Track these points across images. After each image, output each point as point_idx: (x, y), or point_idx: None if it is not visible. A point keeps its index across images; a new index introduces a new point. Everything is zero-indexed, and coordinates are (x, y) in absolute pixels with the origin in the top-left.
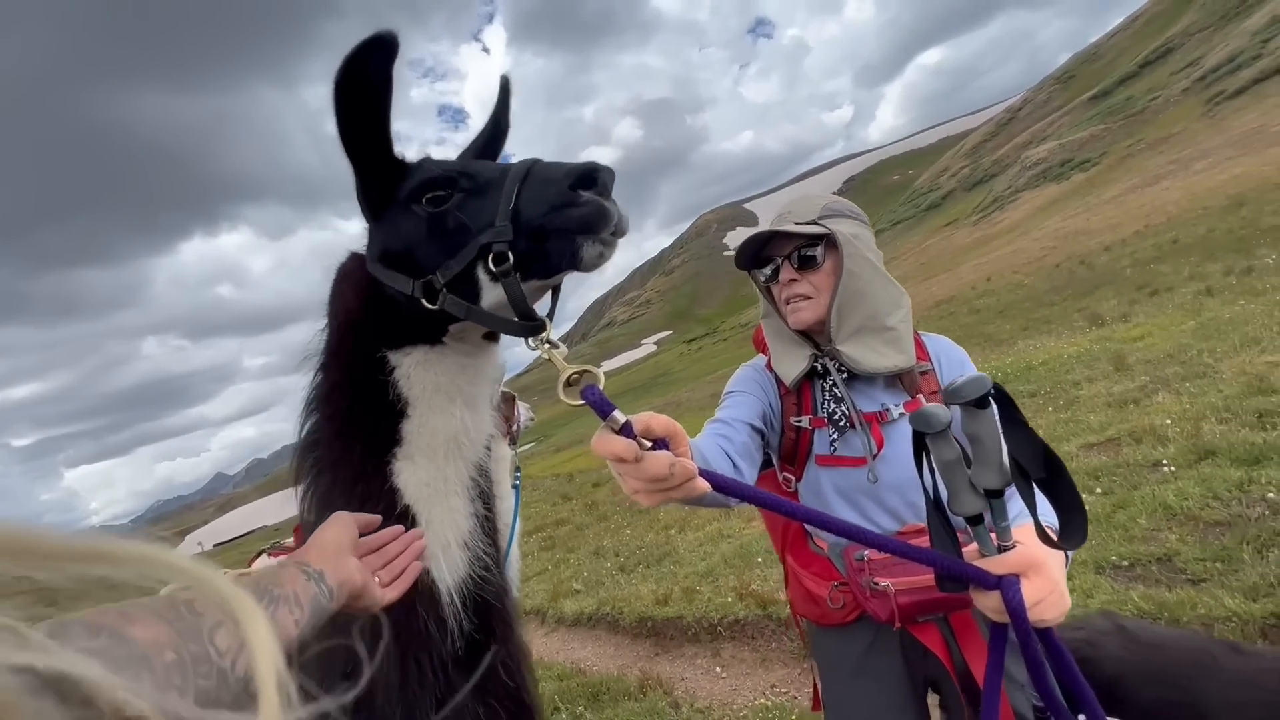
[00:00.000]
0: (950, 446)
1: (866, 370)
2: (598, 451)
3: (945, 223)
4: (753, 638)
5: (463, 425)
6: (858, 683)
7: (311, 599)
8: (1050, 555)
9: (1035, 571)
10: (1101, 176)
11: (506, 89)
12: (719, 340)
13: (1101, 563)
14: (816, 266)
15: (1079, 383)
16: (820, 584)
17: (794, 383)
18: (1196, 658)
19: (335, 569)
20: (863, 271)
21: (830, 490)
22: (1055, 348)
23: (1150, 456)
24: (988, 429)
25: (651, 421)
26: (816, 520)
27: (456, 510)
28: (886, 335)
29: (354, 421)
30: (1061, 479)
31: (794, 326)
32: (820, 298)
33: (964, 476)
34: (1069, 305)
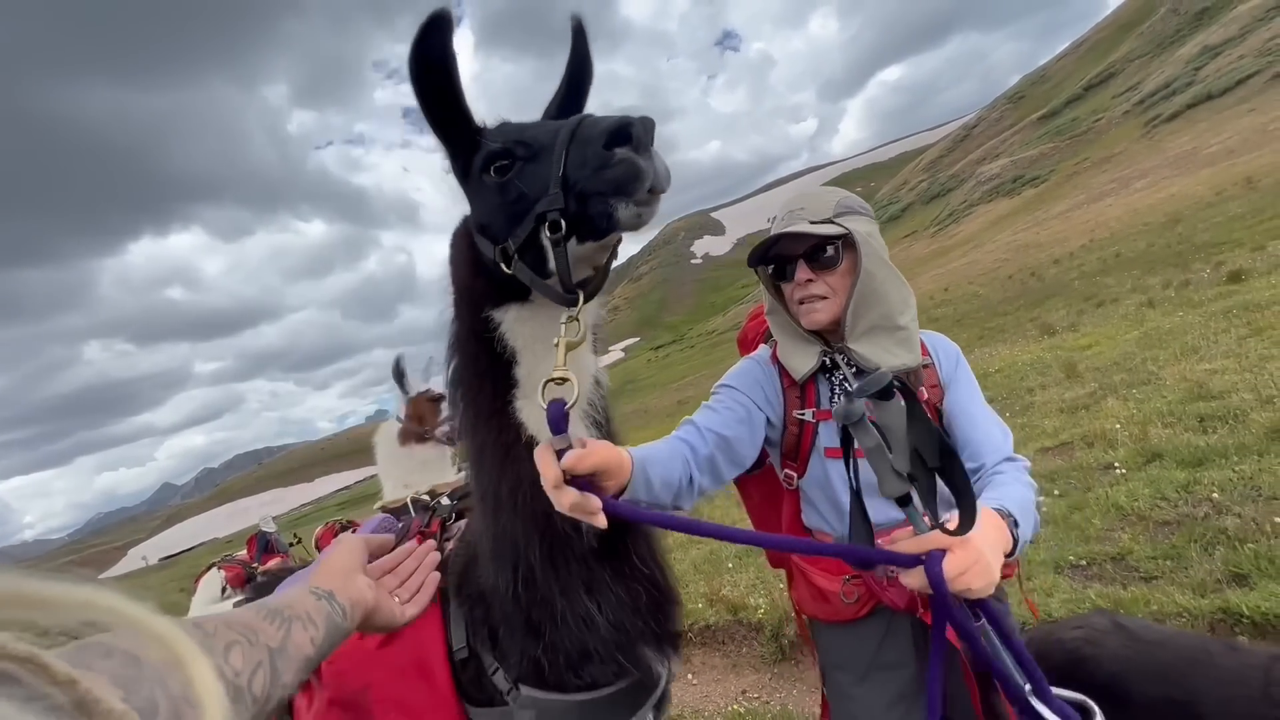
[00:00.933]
0: (870, 435)
1: (878, 368)
2: (537, 462)
3: (904, 234)
4: (723, 643)
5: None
6: (871, 679)
7: (325, 617)
8: (979, 532)
9: (959, 545)
10: (1050, 192)
11: (581, 32)
12: (686, 347)
13: (1060, 563)
14: (834, 267)
15: (1033, 389)
16: (830, 579)
17: (803, 379)
18: (1194, 655)
19: (344, 588)
20: (879, 271)
21: (839, 483)
22: (1010, 355)
23: (1102, 459)
24: (895, 419)
25: (579, 464)
26: (723, 535)
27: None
28: (898, 335)
29: (482, 365)
30: (955, 467)
31: (809, 327)
32: (836, 298)
33: (886, 462)
34: (1022, 315)
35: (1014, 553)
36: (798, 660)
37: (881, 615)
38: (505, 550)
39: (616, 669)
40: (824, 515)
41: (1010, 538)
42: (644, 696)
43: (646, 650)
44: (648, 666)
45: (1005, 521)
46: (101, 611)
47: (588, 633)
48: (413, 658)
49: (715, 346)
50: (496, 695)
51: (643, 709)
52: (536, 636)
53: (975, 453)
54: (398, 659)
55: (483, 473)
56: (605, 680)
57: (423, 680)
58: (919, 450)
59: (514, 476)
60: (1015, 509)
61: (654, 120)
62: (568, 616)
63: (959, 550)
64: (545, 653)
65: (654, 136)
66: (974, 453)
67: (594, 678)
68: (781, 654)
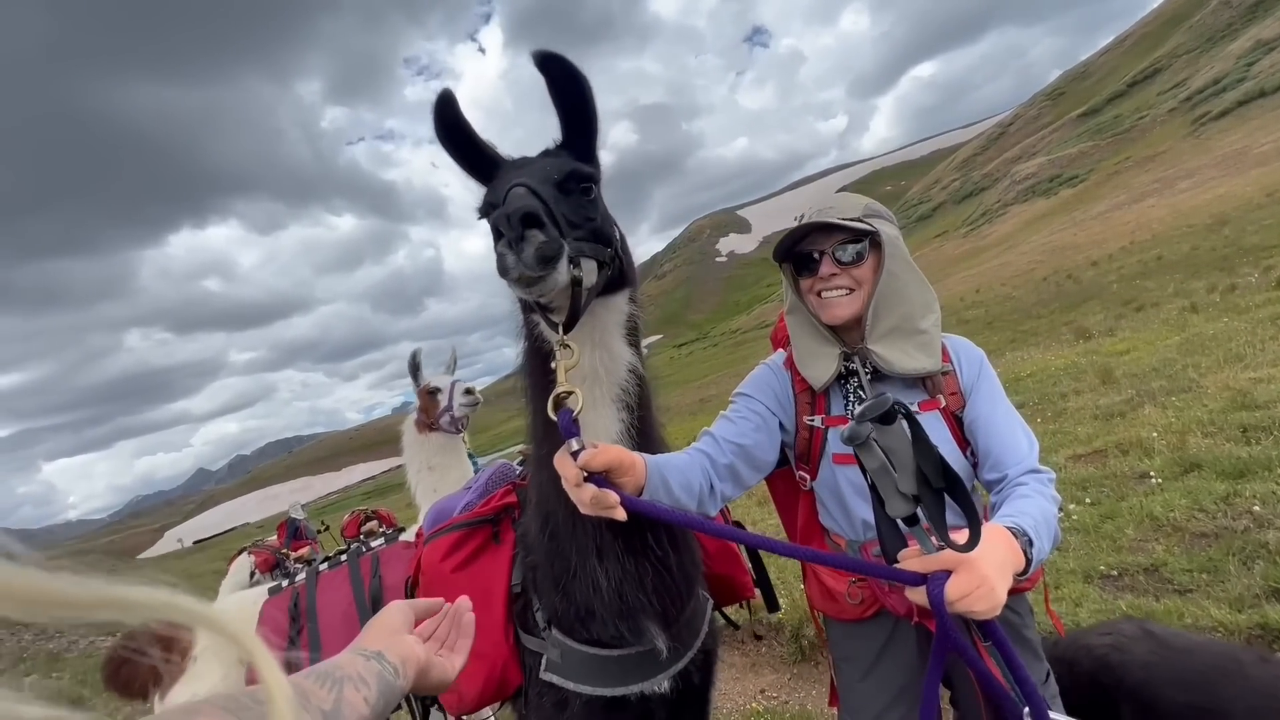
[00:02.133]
0: (874, 456)
1: (897, 372)
2: (556, 465)
3: (935, 234)
4: (742, 642)
5: (596, 359)
6: (874, 676)
7: (377, 676)
8: (983, 553)
9: (964, 568)
10: (1089, 193)
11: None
12: (709, 346)
13: (1090, 572)
14: (859, 262)
15: (1066, 395)
16: (838, 580)
17: (823, 387)
18: (1224, 664)
19: (393, 647)
20: (902, 273)
21: (848, 488)
22: (1043, 360)
23: (1137, 468)
24: (899, 442)
25: (592, 460)
26: (730, 536)
27: (606, 417)
28: (918, 338)
29: (531, 354)
30: (959, 489)
31: (829, 321)
32: (859, 293)
33: (891, 482)
34: (1056, 318)
35: (1027, 571)
36: (817, 661)
37: (887, 617)
38: (541, 504)
39: (616, 634)
40: (835, 518)
41: (1023, 557)
42: (654, 669)
43: (650, 625)
44: (651, 641)
45: (1019, 540)
46: (180, 613)
47: (592, 594)
48: (481, 585)
49: (739, 345)
50: (536, 628)
51: (653, 679)
52: (557, 586)
53: (997, 463)
54: (470, 583)
55: (533, 437)
56: (609, 641)
57: (484, 603)
58: (923, 471)
59: (550, 444)
60: (1031, 526)
61: (527, 211)
62: (579, 574)
63: (963, 573)
64: (561, 601)
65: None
66: (995, 463)
67: (598, 636)
68: (801, 654)
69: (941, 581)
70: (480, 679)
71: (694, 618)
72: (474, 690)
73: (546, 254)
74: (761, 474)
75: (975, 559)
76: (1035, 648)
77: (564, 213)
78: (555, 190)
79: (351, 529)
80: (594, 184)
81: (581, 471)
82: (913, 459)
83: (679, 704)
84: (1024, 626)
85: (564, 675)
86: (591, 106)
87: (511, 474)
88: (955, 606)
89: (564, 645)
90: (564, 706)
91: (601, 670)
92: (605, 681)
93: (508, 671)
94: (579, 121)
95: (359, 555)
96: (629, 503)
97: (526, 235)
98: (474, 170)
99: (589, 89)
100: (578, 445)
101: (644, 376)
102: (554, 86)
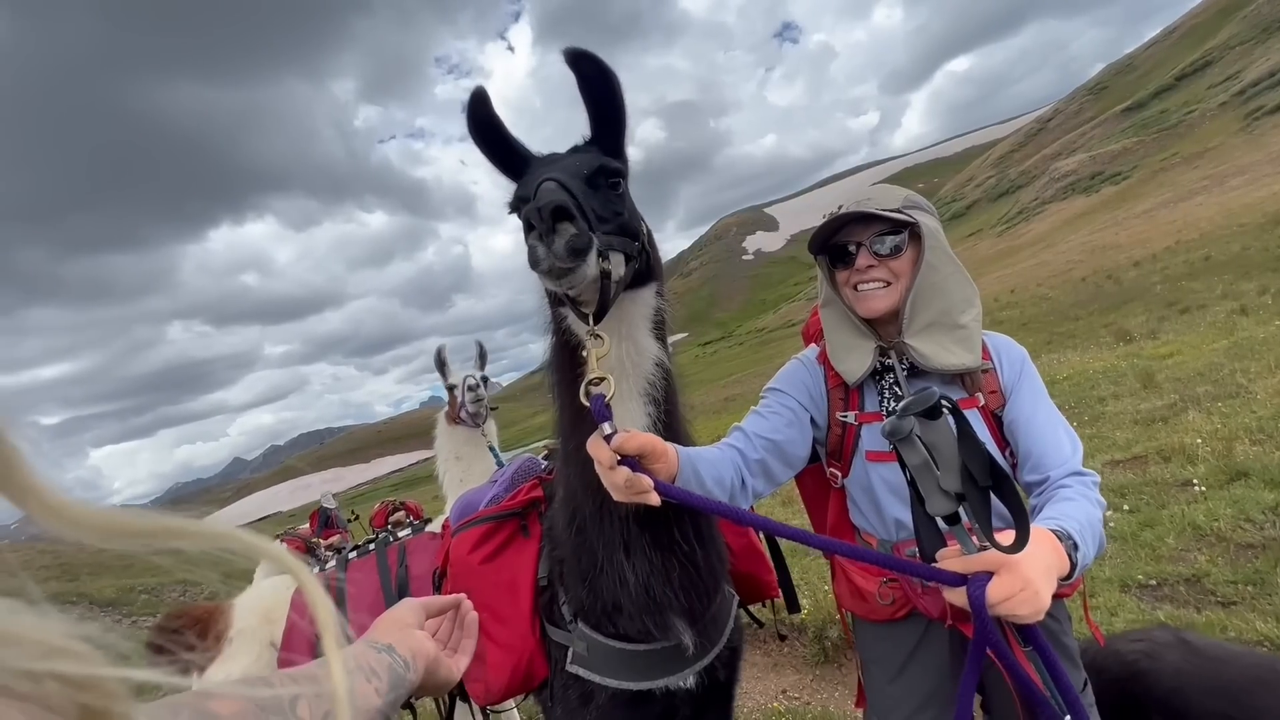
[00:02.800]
0: (917, 452)
1: (935, 367)
2: (589, 451)
3: (969, 233)
4: (764, 642)
5: (623, 352)
6: (903, 679)
7: (388, 668)
8: (1028, 556)
9: (1007, 570)
10: (1132, 190)
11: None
12: (735, 344)
13: (1127, 581)
14: (897, 254)
15: (1104, 399)
16: (869, 579)
17: (858, 381)
18: (1261, 674)
19: (403, 641)
20: (942, 266)
21: (881, 486)
22: (1080, 363)
23: (1179, 475)
24: (943, 438)
25: (627, 443)
26: (763, 526)
27: (633, 411)
28: (957, 333)
29: (558, 348)
30: (1006, 487)
31: (865, 314)
32: (897, 286)
33: (933, 479)
34: (1095, 320)
35: (1071, 576)
36: (841, 664)
37: (919, 619)
38: (568, 499)
39: (643, 629)
40: (867, 517)
41: (1068, 561)
42: (680, 664)
43: (677, 622)
44: (678, 637)
45: (1063, 544)
46: (238, 542)
47: (619, 589)
48: (508, 577)
49: (765, 344)
50: (563, 621)
51: (679, 674)
52: (584, 581)
53: (1038, 465)
54: (497, 575)
55: (560, 431)
56: (635, 636)
57: (511, 596)
58: (969, 468)
59: (578, 437)
60: (1076, 530)
61: (558, 205)
62: (606, 569)
63: (1005, 575)
64: (588, 596)
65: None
66: (1036, 465)
67: (625, 630)
68: (824, 656)
69: (983, 583)
70: (507, 670)
71: (720, 614)
72: (500, 681)
73: (577, 246)
74: (793, 470)
75: (1020, 561)
76: (1073, 655)
77: (593, 207)
78: (584, 185)
79: (380, 519)
80: (622, 179)
81: (615, 455)
82: (957, 455)
83: (704, 699)
84: (1063, 633)
85: (590, 668)
86: (621, 103)
87: (537, 468)
88: (997, 609)
89: (590, 638)
90: (589, 699)
91: (628, 664)
92: (631, 675)
93: (534, 663)
94: (608, 118)
95: (386, 545)
96: (663, 488)
97: (557, 228)
98: (505, 167)
99: (618, 86)
100: (610, 429)
101: (671, 371)
102: (584, 83)
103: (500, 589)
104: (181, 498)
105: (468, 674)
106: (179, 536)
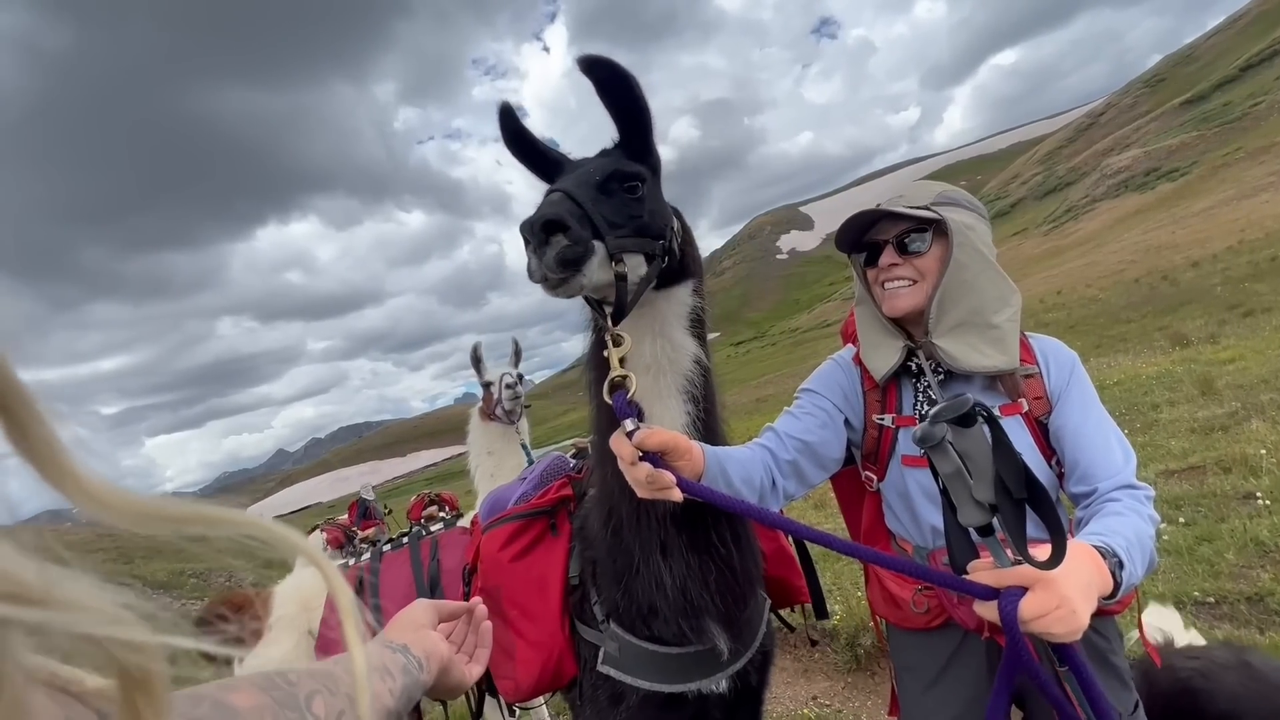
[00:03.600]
0: (949, 460)
1: (964, 368)
2: (612, 447)
3: (1014, 232)
4: (795, 646)
5: (659, 349)
6: (938, 690)
7: (402, 669)
8: (1066, 572)
9: (1042, 586)
10: (1191, 187)
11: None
12: (768, 345)
13: (1182, 598)
14: (921, 252)
15: (1159, 405)
16: (903, 586)
17: (884, 379)
18: None
19: (418, 641)
20: (971, 263)
21: (917, 492)
22: (1132, 367)
23: (1241, 488)
24: (977, 446)
25: (648, 439)
26: (787, 527)
27: (671, 409)
28: (990, 334)
29: (599, 350)
30: (1043, 501)
31: (889, 314)
32: (922, 285)
33: (965, 489)
34: (1149, 323)
35: (1115, 595)
36: (873, 672)
37: (955, 628)
38: (604, 498)
39: (678, 633)
40: (903, 522)
41: (1110, 580)
42: (713, 668)
43: (713, 626)
44: (713, 641)
45: (1107, 561)
46: (258, 529)
47: (656, 592)
48: (538, 574)
49: (798, 345)
50: (593, 621)
51: (712, 678)
52: (618, 582)
53: (1086, 475)
54: (527, 573)
55: (594, 431)
56: (671, 640)
57: (541, 593)
58: (1004, 479)
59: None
60: (1123, 547)
61: (549, 219)
62: (642, 571)
63: (1040, 591)
64: (623, 598)
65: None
66: (1084, 475)
67: (660, 634)
68: (856, 663)
69: (1015, 598)
70: (536, 667)
71: (754, 618)
72: (530, 679)
73: (568, 257)
74: (827, 472)
75: (1056, 577)
76: (1123, 675)
77: (604, 213)
78: (596, 192)
79: (416, 512)
80: (640, 181)
81: (636, 451)
82: (992, 465)
83: (735, 703)
84: (1111, 652)
85: (621, 669)
86: (642, 105)
87: (566, 467)
88: (1029, 626)
89: (622, 639)
90: (620, 700)
91: (661, 666)
92: (664, 677)
93: (563, 662)
94: (631, 120)
95: (419, 538)
96: (685, 485)
97: (550, 240)
98: (539, 172)
99: (637, 88)
100: (632, 425)
101: (710, 369)
102: (602, 89)
103: (530, 586)
104: (229, 487)
105: (497, 670)
106: (207, 523)
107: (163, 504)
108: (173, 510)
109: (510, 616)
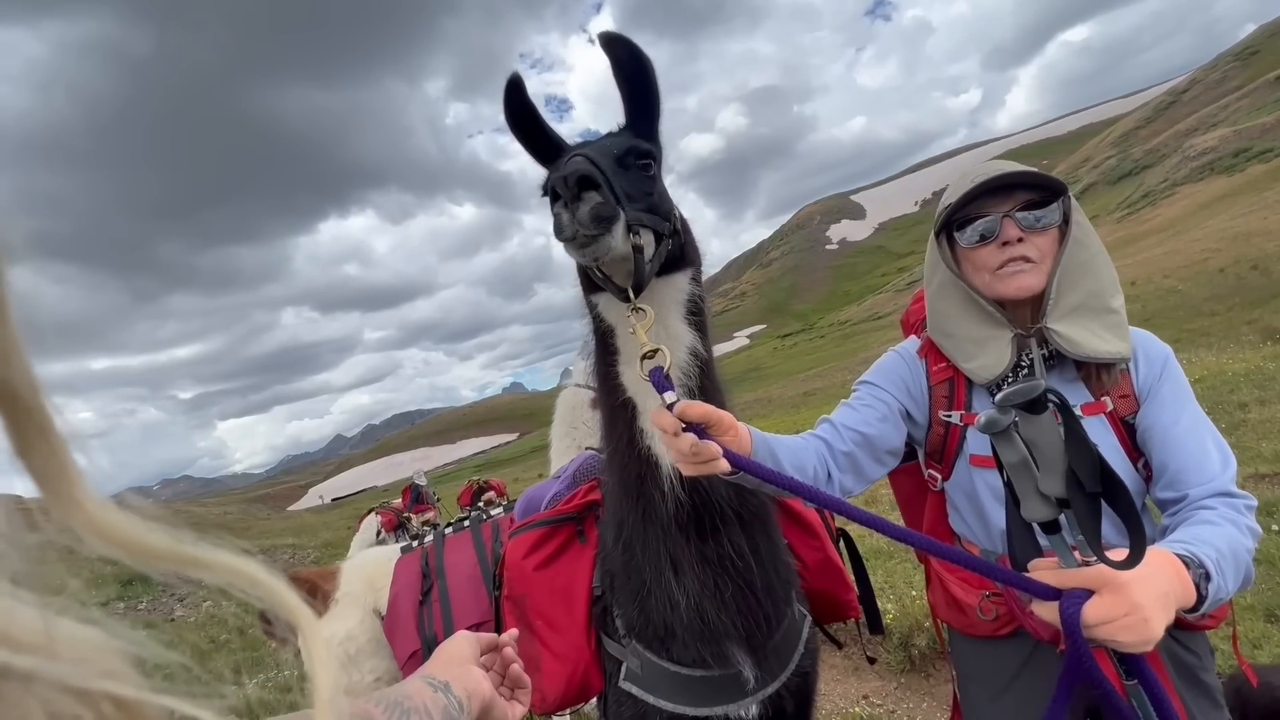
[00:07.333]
0: (1015, 449)
1: (1084, 355)
2: (653, 422)
3: None
4: (845, 644)
5: (653, 337)
6: (1006, 700)
7: (442, 709)
8: (1139, 578)
9: (1111, 590)
10: None
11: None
12: (816, 337)
13: (1275, 610)
14: (1052, 225)
15: (1247, 404)
16: (969, 591)
17: (998, 378)
18: None
19: (460, 678)
20: (1090, 243)
21: (985, 493)
22: (1216, 363)
23: None
24: (1046, 436)
25: (688, 410)
26: (840, 509)
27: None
28: (1108, 319)
29: (595, 337)
30: (1120, 497)
31: (1013, 294)
32: (1043, 264)
33: (1031, 481)
34: (1235, 316)
35: (1198, 609)
36: (929, 673)
37: (1025, 638)
38: (614, 511)
39: (697, 658)
40: (969, 524)
41: (1193, 591)
42: (739, 693)
43: (735, 651)
44: (736, 667)
45: (1190, 572)
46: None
47: (670, 612)
48: (563, 584)
49: (847, 338)
50: (616, 634)
51: (737, 704)
52: (634, 600)
53: (1175, 480)
54: (552, 582)
55: (600, 430)
56: (690, 662)
57: (565, 604)
58: (1076, 472)
59: (615, 437)
60: (1211, 558)
61: (583, 174)
62: (654, 590)
63: (1108, 595)
64: (639, 617)
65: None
66: (1174, 480)
67: (679, 657)
68: (910, 664)
69: (1080, 600)
70: (562, 680)
71: (785, 641)
72: (556, 691)
73: (602, 214)
74: (885, 468)
75: (1128, 582)
76: (1214, 694)
77: (622, 185)
78: (614, 164)
79: (466, 498)
80: (653, 161)
81: (679, 422)
82: (1062, 456)
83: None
84: (1201, 669)
85: (643, 687)
86: (654, 88)
87: (598, 467)
88: (1094, 632)
89: (643, 656)
90: (644, 718)
91: (682, 688)
92: (687, 700)
93: (589, 674)
94: (642, 102)
95: (480, 522)
96: (733, 457)
97: (583, 196)
98: (540, 155)
99: (652, 70)
100: (673, 398)
101: (708, 361)
102: (618, 68)
103: (555, 596)
104: (292, 469)
105: None
106: (197, 567)
107: (157, 541)
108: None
109: (536, 627)
